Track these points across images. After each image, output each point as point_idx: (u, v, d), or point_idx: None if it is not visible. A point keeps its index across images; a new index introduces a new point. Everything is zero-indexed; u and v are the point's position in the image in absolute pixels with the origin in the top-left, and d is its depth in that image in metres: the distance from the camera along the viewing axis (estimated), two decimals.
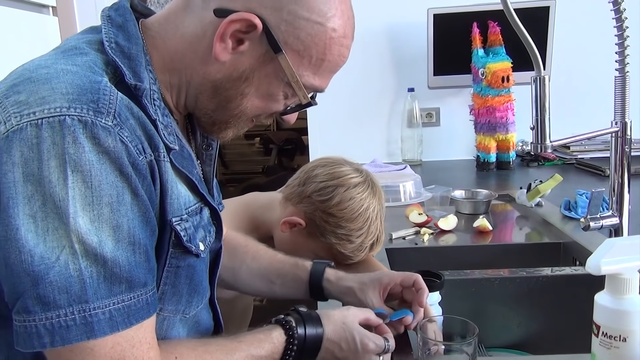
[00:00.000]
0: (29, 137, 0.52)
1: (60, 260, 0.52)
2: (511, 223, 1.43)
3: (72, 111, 0.53)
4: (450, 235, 1.30)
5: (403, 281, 0.84)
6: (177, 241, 0.65)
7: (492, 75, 1.85)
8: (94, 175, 0.53)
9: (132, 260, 0.56)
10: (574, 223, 1.27)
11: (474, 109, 1.98)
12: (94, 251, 0.53)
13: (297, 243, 1.02)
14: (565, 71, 2.07)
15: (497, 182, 1.82)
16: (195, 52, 0.64)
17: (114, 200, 0.55)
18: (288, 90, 0.67)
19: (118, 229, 0.55)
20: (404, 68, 2.19)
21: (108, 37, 0.62)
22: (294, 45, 0.63)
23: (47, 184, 0.52)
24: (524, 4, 1.89)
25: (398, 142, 2.21)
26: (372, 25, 2.16)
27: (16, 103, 0.54)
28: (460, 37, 1.96)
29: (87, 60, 0.59)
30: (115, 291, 0.55)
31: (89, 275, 0.53)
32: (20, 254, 0.52)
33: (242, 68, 0.64)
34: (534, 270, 1.04)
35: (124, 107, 0.57)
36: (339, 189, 0.97)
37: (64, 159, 0.52)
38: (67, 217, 0.52)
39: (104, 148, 0.54)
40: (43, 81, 0.55)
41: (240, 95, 0.66)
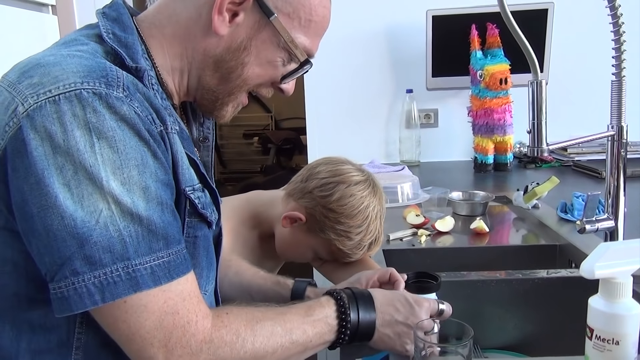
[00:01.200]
0: (49, 113, 0.56)
1: (100, 222, 0.56)
2: (508, 225, 1.44)
3: (85, 85, 0.57)
4: (447, 237, 1.30)
5: (380, 277, 0.87)
6: (192, 209, 0.69)
7: (490, 77, 1.86)
8: (118, 140, 0.57)
9: (164, 219, 0.60)
10: (570, 225, 1.28)
11: (472, 111, 1.98)
12: (129, 211, 0.57)
13: (297, 239, 1.03)
14: (564, 74, 2.08)
15: (494, 183, 1.83)
16: (194, 33, 0.69)
17: (140, 163, 0.58)
18: (284, 55, 0.71)
19: (147, 189, 0.59)
20: (402, 69, 2.20)
21: (105, 29, 0.67)
22: (284, 8, 0.68)
23: (75, 152, 0.55)
24: (522, 6, 1.90)
25: (396, 143, 2.22)
26: (371, 27, 2.17)
27: (30, 85, 0.57)
28: (459, 38, 1.97)
29: (88, 48, 0.64)
30: (155, 248, 0.58)
31: (127, 234, 0.57)
32: (63, 219, 0.55)
33: (240, 39, 0.69)
34: (529, 273, 1.05)
35: (130, 83, 0.61)
36: (340, 186, 0.98)
37: (88, 128, 0.56)
38: (100, 181, 0.56)
39: (121, 115, 0.58)
40: (52, 64, 0.59)
41: (241, 65, 0.70)
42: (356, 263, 1.04)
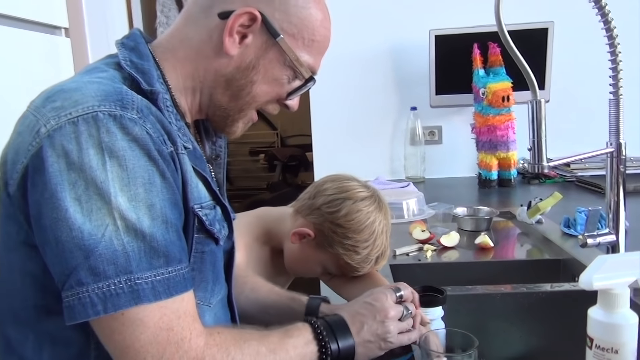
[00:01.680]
0: (68, 133, 0.60)
1: (106, 236, 0.59)
2: (512, 240, 1.47)
3: (102, 108, 0.61)
4: (452, 252, 1.33)
5: None
6: (200, 226, 0.72)
7: (492, 95, 1.89)
8: (127, 159, 0.61)
9: (167, 237, 0.63)
10: (573, 240, 1.30)
11: (475, 128, 2.02)
12: (134, 227, 0.60)
13: (306, 254, 1.06)
14: (565, 91, 2.11)
15: (498, 199, 1.85)
16: (205, 54, 0.74)
17: (147, 182, 0.62)
18: (290, 73, 0.77)
19: (152, 207, 0.62)
20: (406, 87, 2.24)
21: (123, 57, 0.72)
22: (289, 29, 0.74)
23: (87, 169, 0.59)
24: (523, 25, 1.94)
25: (401, 160, 2.25)
26: (375, 46, 2.21)
27: (53, 109, 0.62)
28: (461, 57, 2.01)
29: (107, 75, 0.69)
30: (155, 264, 0.61)
31: (131, 249, 0.60)
32: (71, 231, 0.58)
33: (249, 58, 0.74)
34: (534, 286, 1.07)
35: (144, 106, 0.65)
36: (347, 202, 1.01)
37: (101, 147, 0.60)
38: (109, 197, 0.59)
39: (133, 136, 0.62)
40: (74, 90, 0.64)
41: (250, 83, 0.75)
42: (364, 277, 1.06)
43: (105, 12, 2.15)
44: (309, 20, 0.75)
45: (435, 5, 2.16)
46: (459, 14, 2.11)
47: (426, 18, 2.13)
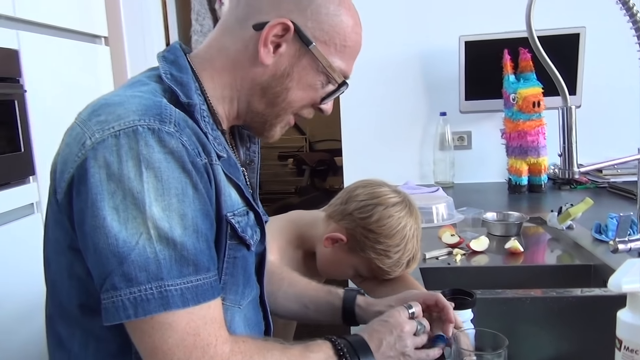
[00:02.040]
0: (110, 145, 0.64)
1: (139, 244, 0.62)
2: (542, 245, 1.46)
3: (142, 122, 0.65)
4: (482, 256, 1.34)
5: (425, 300, 0.90)
6: (232, 233, 0.76)
7: (523, 101, 1.89)
8: (163, 170, 0.64)
9: (197, 246, 0.66)
10: (604, 246, 1.30)
11: (505, 133, 2.02)
12: (166, 235, 0.63)
13: (339, 258, 1.09)
14: (598, 95, 2.10)
15: (528, 204, 1.85)
16: (242, 64, 0.78)
17: (180, 192, 0.65)
18: (323, 78, 0.79)
19: (184, 217, 0.65)
20: (436, 93, 2.25)
21: (164, 70, 0.76)
22: (321, 37, 0.77)
23: (126, 180, 0.63)
24: (554, 31, 1.94)
25: (430, 165, 2.26)
26: (405, 51, 2.24)
27: (98, 122, 0.66)
28: (492, 63, 2.01)
29: (149, 88, 0.73)
30: (185, 272, 0.64)
31: (162, 257, 0.63)
32: (108, 238, 0.62)
33: (284, 66, 0.77)
34: (564, 291, 1.07)
35: (181, 120, 0.68)
36: (379, 207, 1.04)
37: (139, 159, 0.63)
38: (144, 207, 0.62)
39: (169, 149, 0.65)
40: (117, 104, 0.68)
41: (285, 90, 0.78)
42: (396, 279, 1.08)
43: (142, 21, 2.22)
44: (340, 27, 0.77)
45: (465, 12, 2.17)
46: (489, 20, 2.12)
47: (456, 24, 2.15)
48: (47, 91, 1.68)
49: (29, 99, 1.56)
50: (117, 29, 2.18)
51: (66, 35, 1.86)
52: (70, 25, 1.87)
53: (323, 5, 0.76)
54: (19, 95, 1.52)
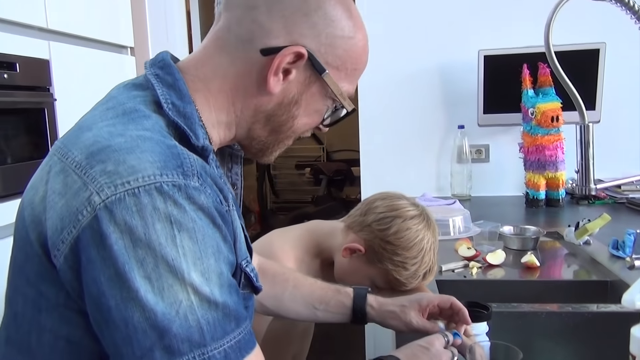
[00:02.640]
0: (129, 206, 0.55)
1: (180, 313, 0.56)
2: (559, 260, 1.47)
3: (165, 178, 0.57)
4: (498, 270, 1.35)
5: (440, 303, 0.92)
6: (246, 282, 0.71)
7: (541, 115, 1.89)
8: (197, 231, 0.58)
9: (234, 300, 0.61)
10: (622, 262, 1.30)
11: (523, 147, 2.02)
12: (208, 299, 0.58)
13: (356, 268, 1.11)
14: (617, 111, 2.09)
15: (546, 219, 1.85)
16: (244, 90, 0.70)
17: (215, 250, 0.60)
18: (330, 103, 0.74)
19: (222, 275, 0.60)
20: (454, 105, 2.26)
21: (164, 98, 0.66)
22: (333, 62, 0.70)
23: (156, 246, 0.55)
24: (574, 46, 1.94)
25: (447, 177, 2.27)
26: (425, 64, 2.26)
27: (105, 173, 0.57)
28: (510, 77, 2.02)
29: (153, 124, 0.63)
30: (228, 330, 0.59)
31: (205, 322, 0.57)
32: (144, 311, 0.55)
33: (292, 94, 0.70)
34: (580, 306, 1.07)
35: (201, 169, 0.62)
36: (397, 220, 1.06)
37: (170, 221, 0.56)
38: (182, 274, 0.56)
39: (199, 205, 0.59)
40: (126, 150, 0.58)
41: (291, 118, 0.72)
42: (412, 292, 1.10)
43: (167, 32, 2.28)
44: (354, 51, 0.72)
45: (485, 26, 2.19)
46: (508, 35, 2.13)
47: (475, 38, 2.17)
48: (75, 100, 1.73)
49: (57, 107, 1.61)
50: (143, 40, 2.24)
51: (94, 46, 1.92)
52: (99, 36, 1.94)
53: (339, 28, 0.69)
54: (49, 103, 1.58)
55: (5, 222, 1.41)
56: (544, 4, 1.47)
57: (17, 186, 1.46)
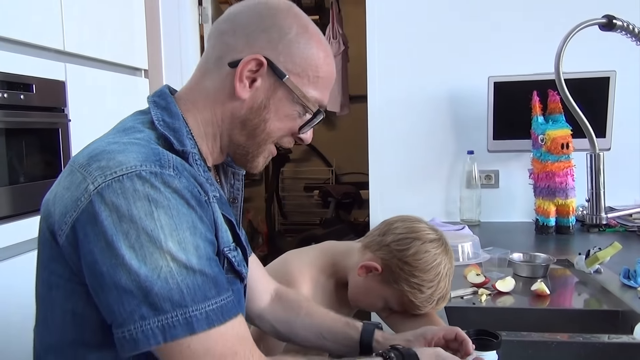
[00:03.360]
0: (115, 189, 0.67)
1: (161, 277, 0.66)
2: (569, 288, 1.45)
3: (144, 167, 0.69)
4: (507, 297, 1.33)
5: (445, 335, 0.92)
6: (229, 267, 0.81)
7: (551, 142, 1.90)
8: (172, 208, 0.68)
9: (214, 270, 0.70)
10: (633, 292, 1.28)
11: (533, 173, 2.02)
12: (185, 265, 0.67)
13: (371, 288, 1.11)
14: (628, 139, 2.09)
15: (556, 246, 1.84)
16: (221, 101, 0.82)
17: (191, 226, 0.69)
18: (299, 108, 0.83)
19: (198, 247, 0.69)
20: (464, 131, 2.27)
21: (157, 117, 0.79)
22: (293, 69, 0.81)
23: (138, 220, 0.66)
24: (585, 74, 1.95)
25: (456, 202, 2.27)
26: (435, 90, 2.27)
27: (99, 168, 0.69)
28: (520, 104, 2.03)
29: (144, 135, 0.76)
30: (209, 295, 0.68)
31: (185, 286, 0.66)
32: (130, 274, 0.65)
33: (260, 99, 0.81)
34: (591, 337, 1.06)
35: (179, 164, 0.73)
36: (416, 242, 1.06)
37: (148, 199, 0.67)
38: (160, 242, 0.66)
39: (174, 188, 0.69)
40: (117, 151, 0.71)
41: (263, 122, 0.82)
42: (421, 317, 1.09)
43: (181, 56, 2.31)
44: (312, 59, 0.81)
45: (495, 53, 2.21)
46: (518, 62, 2.15)
47: (485, 65, 2.19)
48: (89, 120, 1.76)
49: (71, 128, 1.64)
50: (157, 63, 2.28)
51: (109, 68, 1.95)
52: (114, 59, 1.97)
53: (294, 40, 0.80)
54: (63, 124, 1.60)
55: (18, 240, 1.42)
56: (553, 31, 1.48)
57: (29, 205, 1.47)
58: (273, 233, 4.60)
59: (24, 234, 1.44)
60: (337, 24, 3.71)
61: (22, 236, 1.44)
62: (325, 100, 0.86)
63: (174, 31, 2.33)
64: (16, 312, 1.38)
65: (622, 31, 0.92)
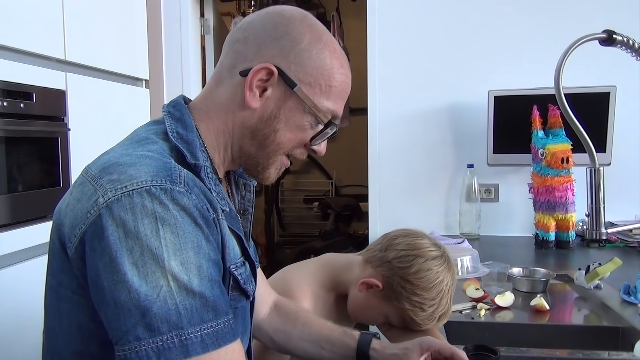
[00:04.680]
0: (124, 204, 0.66)
1: (160, 297, 0.64)
2: (569, 304, 1.44)
3: (154, 182, 0.68)
4: (507, 312, 1.32)
5: (441, 350, 0.92)
6: (235, 284, 0.80)
7: (551, 156, 1.89)
8: (178, 226, 0.67)
9: (214, 293, 0.68)
10: (633, 308, 1.27)
11: (533, 188, 2.01)
12: (185, 287, 0.66)
13: (371, 304, 1.09)
14: (628, 153, 2.09)
15: (555, 261, 1.83)
16: (232, 110, 0.81)
17: (195, 246, 0.68)
18: (311, 119, 0.82)
19: (201, 268, 0.68)
20: (464, 145, 2.27)
21: (170, 128, 0.79)
22: (305, 79, 0.79)
23: (143, 237, 0.65)
24: (585, 89, 1.96)
25: (456, 215, 2.26)
26: (436, 104, 2.28)
27: (110, 181, 0.69)
28: (520, 118, 2.03)
29: (157, 147, 0.75)
30: (205, 318, 0.66)
31: (183, 307, 0.65)
32: (130, 292, 0.64)
33: (270, 109, 0.80)
34: (591, 353, 1.05)
35: (190, 179, 0.72)
36: (419, 259, 1.05)
37: (155, 216, 0.66)
38: (163, 261, 0.65)
39: (182, 206, 0.68)
40: (129, 164, 0.70)
41: (274, 132, 0.81)
42: (421, 332, 1.08)
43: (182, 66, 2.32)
44: (324, 69, 0.80)
45: (495, 67, 2.22)
46: (518, 76, 2.16)
47: (485, 79, 2.20)
48: (89, 130, 1.75)
49: (71, 137, 1.64)
50: (158, 73, 2.28)
51: (110, 78, 1.96)
52: (115, 68, 1.97)
53: (306, 49, 0.79)
54: (63, 133, 1.60)
55: (17, 248, 1.42)
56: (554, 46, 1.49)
57: (27, 214, 1.46)
58: (272, 245, 4.58)
59: (23, 242, 1.43)
60: (338, 37, 3.73)
61: (21, 244, 1.43)
62: (339, 111, 0.84)
63: (175, 42, 2.34)
64: (7, 323, 1.37)
65: (622, 46, 0.92)
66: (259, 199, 5.03)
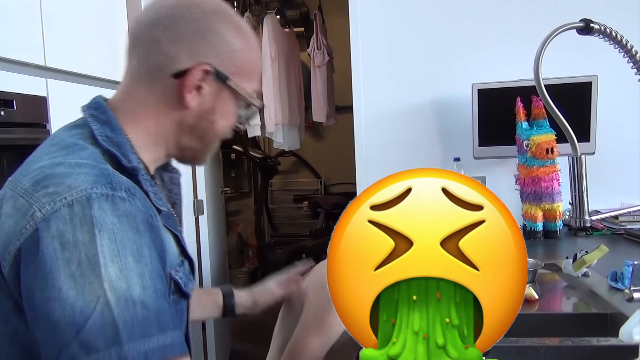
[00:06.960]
0: (63, 215, 0.63)
1: (97, 309, 0.60)
2: (558, 292, 1.45)
3: (95, 189, 0.65)
4: None
5: None
6: (176, 288, 0.79)
7: (536, 147, 1.91)
8: (116, 232, 0.64)
9: (158, 304, 0.64)
10: (620, 294, 1.28)
11: (519, 179, 2.02)
12: (124, 296, 0.61)
13: None
14: (612, 142, 2.11)
15: (544, 251, 1.84)
16: (164, 111, 0.80)
17: (135, 253, 0.65)
18: (242, 104, 0.86)
19: (143, 276, 0.64)
20: (450, 138, 2.28)
21: (99, 132, 0.76)
22: (235, 71, 0.82)
23: (81, 246, 0.62)
24: (567, 79, 1.97)
25: None
26: (420, 99, 2.29)
27: (47, 194, 0.65)
28: (504, 110, 2.04)
29: (89, 154, 0.72)
30: (148, 333, 0.62)
31: (122, 320, 0.60)
32: (64, 309, 0.60)
33: (207, 105, 0.81)
34: (580, 340, 1.06)
35: (131, 186, 0.70)
36: None
37: (92, 223, 0.63)
38: (99, 268, 0.61)
39: (122, 212, 0.66)
40: (65, 175, 0.67)
41: (211, 124, 0.83)
42: None
43: None
44: (248, 57, 0.83)
45: (478, 61, 2.23)
46: (502, 69, 2.17)
47: (469, 72, 2.20)
48: None
49: None
50: None
51: (91, 82, 1.93)
52: (96, 73, 1.95)
53: (233, 43, 0.81)
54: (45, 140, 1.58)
55: None
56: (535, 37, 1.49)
57: None
58: (263, 245, 4.57)
59: None
60: (321, 35, 3.73)
61: None
62: (259, 85, 0.88)
63: None
64: None
65: (600, 35, 0.93)
66: (248, 200, 5.03)
